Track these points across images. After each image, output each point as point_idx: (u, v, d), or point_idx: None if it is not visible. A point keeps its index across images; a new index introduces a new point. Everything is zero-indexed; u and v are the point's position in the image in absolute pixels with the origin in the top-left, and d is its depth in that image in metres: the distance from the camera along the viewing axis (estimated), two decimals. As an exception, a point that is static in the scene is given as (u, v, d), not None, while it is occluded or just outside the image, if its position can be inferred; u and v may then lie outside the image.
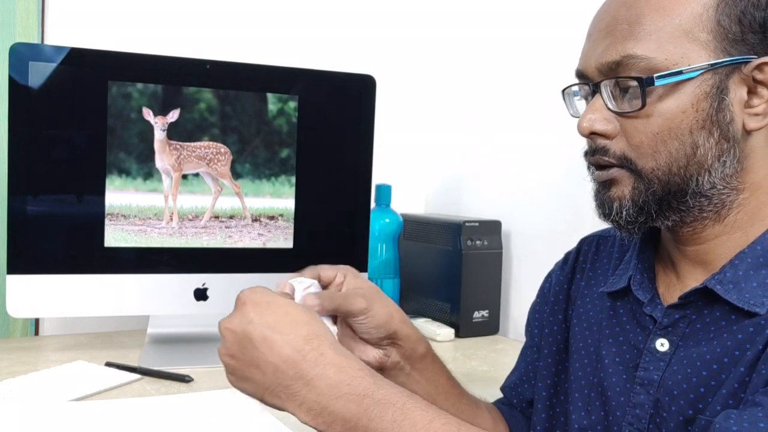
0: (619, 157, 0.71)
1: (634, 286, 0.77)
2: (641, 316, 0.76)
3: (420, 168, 1.84)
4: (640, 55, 0.68)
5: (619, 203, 0.72)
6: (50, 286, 1.20)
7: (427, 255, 1.57)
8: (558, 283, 0.90)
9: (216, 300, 1.29)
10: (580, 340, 0.83)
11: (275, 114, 1.32)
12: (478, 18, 1.70)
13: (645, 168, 0.70)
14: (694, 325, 0.71)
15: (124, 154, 1.23)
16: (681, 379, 0.70)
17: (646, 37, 0.68)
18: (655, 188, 0.70)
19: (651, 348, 0.73)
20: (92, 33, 1.43)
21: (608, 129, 0.71)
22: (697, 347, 0.70)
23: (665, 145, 0.69)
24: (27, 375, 1.09)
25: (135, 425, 0.92)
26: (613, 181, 0.72)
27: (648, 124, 0.69)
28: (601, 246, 0.89)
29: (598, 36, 0.72)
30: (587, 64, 0.72)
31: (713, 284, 0.70)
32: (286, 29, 1.64)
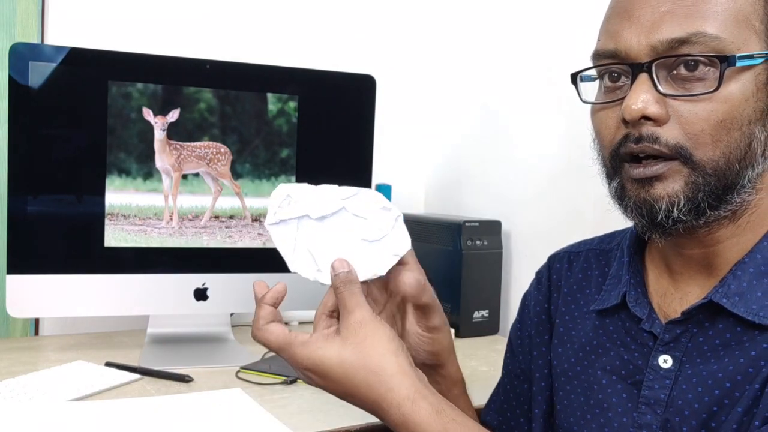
0: (673, 146, 0.63)
1: (630, 303, 0.73)
2: (637, 333, 0.73)
3: (420, 168, 1.84)
4: (710, 34, 0.62)
5: (668, 201, 0.64)
6: (50, 286, 1.20)
7: (427, 255, 1.57)
8: (537, 303, 0.86)
9: (216, 300, 1.29)
10: (564, 361, 0.79)
11: (275, 114, 1.32)
12: (478, 18, 1.70)
13: (704, 158, 0.63)
14: (696, 339, 0.68)
15: (124, 154, 1.23)
16: (692, 399, 0.67)
17: (714, 16, 0.62)
18: (713, 182, 0.64)
19: (654, 365, 0.70)
20: (92, 33, 1.43)
21: (662, 113, 0.63)
22: (707, 365, 0.67)
23: (728, 135, 0.63)
24: (27, 375, 1.09)
25: (135, 425, 0.92)
26: (659, 177, 0.64)
27: (712, 111, 0.62)
28: (573, 262, 0.84)
29: (644, 12, 0.64)
30: (628, 43, 0.65)
31: (719, 298, 0.66)
32: (286, 29, 1.64)
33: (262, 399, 1.03)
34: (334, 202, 0.72)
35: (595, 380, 0.75)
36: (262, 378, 1.14)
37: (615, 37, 0.66)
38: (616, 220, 0.81)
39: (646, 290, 0.74)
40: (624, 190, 0.67)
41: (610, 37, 0.67)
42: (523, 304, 0.89)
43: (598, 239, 0.86)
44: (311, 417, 0.98)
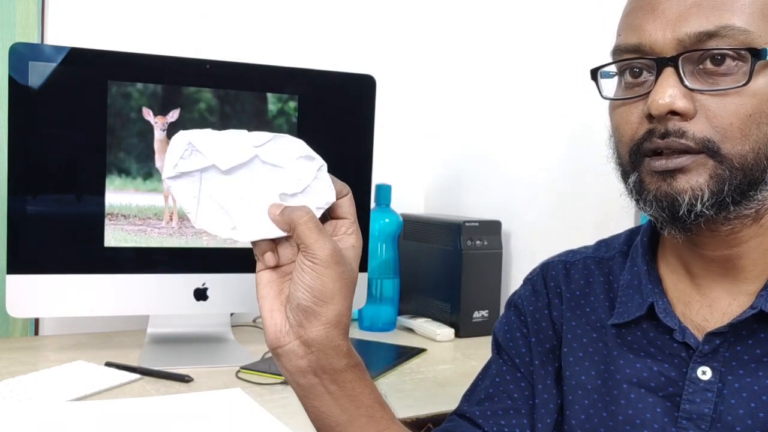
0: (701, 140, 0.62)
1: (660, 314, 0.70)
2: (665, 343, 0.69)
3: (420, 168, 1.84)
4: (738, 27, 0.61)
5: (692, 194, 0.62)
6: (50, 286, 1.20)
7: (427, 255, 1.57)
8: (537, 310, 0.81)
9: (216, 300, 1.29)
10: (580, 373, 0.75)
11: (275, 114, 1.32)
12: (478, 18, 1.70)
13: (732, 152, 0.61)
14: (734, 349, 0.65)
15: (124, 154, 1.23)
16: (744, 414, 0.64)
17: (741, 9, 0.61)
18: (739, 176, 0.62)
19: (693, 378, 0.66)
20: (92, 33, 1.43)
21: (689, 108, 0.62)
22: (755, 377, 0.64)
23: (758, 129, 0.61)
24: (27, 375, 1.09)
25: (135, 425, 0.92)
26: (683, 169, 0.63)
27: (741, 104, 0.61)
28: (571, 270, 0.81)
29: (669, 5, 0.63)
30: (653, 37, 0.63)
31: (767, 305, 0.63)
32: (286, 29, 1.64)
33: (262, 399, 1.03)
34: (246, 151, 0.65)
35: (621, 394, 0.71)
36: (262, 378, 1.14)
37: (638, 30, 0.65)
38: (616, 221, 0.81)
39: (668, 299, 0.71)
40: (643, 183, 0.65)
41: (633, 31, 0.65)
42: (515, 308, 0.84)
43: (592, 248, 0.83)
44: (311, 417, 0.97)
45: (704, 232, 0.66)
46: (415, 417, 1.00)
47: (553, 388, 0.78)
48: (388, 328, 1.53)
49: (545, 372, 0.79)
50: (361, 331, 1.52)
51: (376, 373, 1.18)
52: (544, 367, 0.79)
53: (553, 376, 0.78)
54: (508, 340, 0.82)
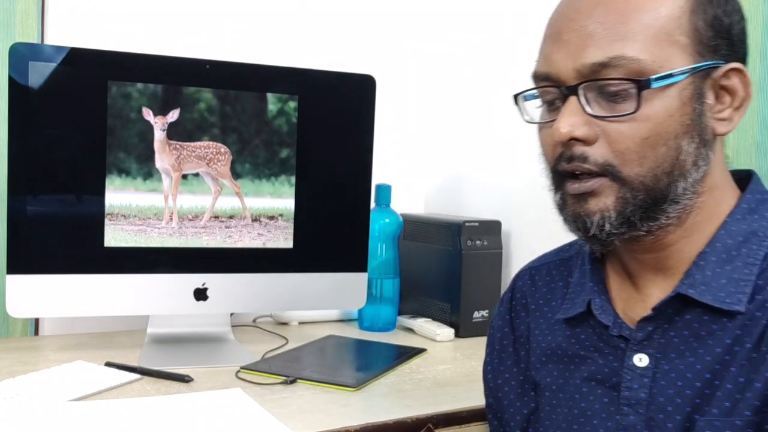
0: (601, 164, 0.67)
1: (596, 311, 0.75)
2: (608, 338, 0.75)
3: (420, 168, 1.84)
4: (629, 57, 0.65)
5: (600, 216, 0.68)
6: (50, 286, 1.20)
7: (427, 255, 1.57)
8: (499, 329, 0.89)
9: (216, 300, 1.29)
10: (546, 375, 0.81)
11: (275, 114, 1.32)
12: (478, 18, 1.70)
13: (631, 174, 0.67)
14: (668, 334, 0.70)
15: (124, 154, 1.23)
16: (673, 394, 0.69)
17: (633, 37, 0.65)
18: (641, 196, 0.67)
19: (630, 365, 0.72)
20: (92, 33, 1.43)
21: (589, 134, 0.67)
22: (682, 359, 0.69)
23: (653, 151, 0.66)
24: (27, 375, 1.09)
25: (135, 425, 0.92)
26: (593, 192, 0.68)
27: (636, 129, 0.66)
28: (536, 277, 0.87)
29: (571, 36, 0.68)
30: (558, 66, 0.69)
31: (685, 289, 0.69)
32: (286, 29, 1.64)
33: (262, 399, 1.03)
34: None
35: (576, 390, 0.76)
36: (262, 378, 1.14)
37: (547, 60, 0.71)
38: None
39: (609, 296, 0.76)
40: (565, 203, 0.71)
41: (543, 60, 0.72)
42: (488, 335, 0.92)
43: (556, 250, 0.88)
44: (311, 417, 0.98)
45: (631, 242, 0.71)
46: (415, 417, 1.00)
47: (518, 400, 0.84)
48: (388, 328, 1.53)
49: (509, 388, 0.85)
50: (361, 331, 1.52)
51: (376, 373, 1.18)
52: (508, 382, 0.85)
53: (516, 389, 0.84)
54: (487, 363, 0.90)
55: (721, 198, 0.72)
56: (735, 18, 0.69)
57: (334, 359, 1.35)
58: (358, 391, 1.10)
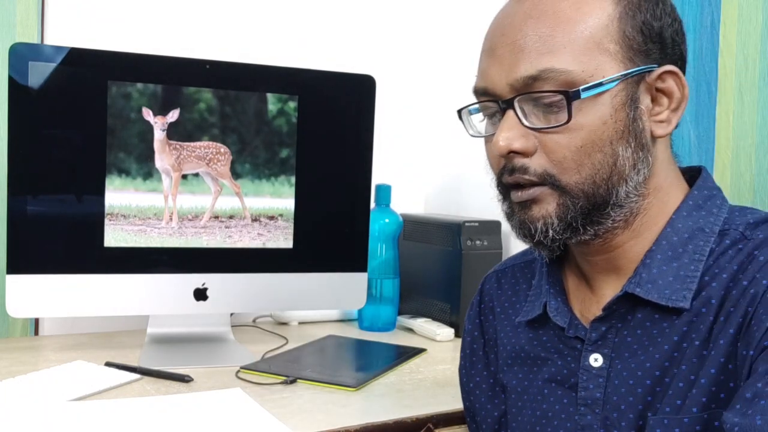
0: (540, 174, 0.69)
1: (551, 313, 0.76)
2: (566, 339, 0.76)
3: (420, 168, 1.84)
4: (558, 69, 0.66)
5: (543, 222, 0.70)
6: (50, 286, 1.20)
7: (427, 255, 1.57)
8: (468, 333, 0.91)
9: (216, 300, 1.29)
10: (512, 378, 0.82)
11: (275, 114, 1.32)
12: (478, 18, 1.70)
13: (569, 182, 0.68)
14: (621, 333, 0.71)
15: (124, 154, 1.23)
16: (625, 393, 0.70)
17: (560, 49, 0.67)
18: (581, 203, 0.69)
19: (585, 365, 0.73)
20: (92, 33, 1.43)
21: (528, 146, 0.69)
22: (634, 357, 0.70)
23: (589, 158, 0.67)
24: (27, 375, 1.09)
25: (135, 425, 0.92)
26: (535, 200, 0.70)
27: (571, 138, 0.67)
28: (502, 280, 0.88)
29: (503, 51, 0.70)
30: (493, 81, 0.70)
31: (632, 288, 0.70)
32: (286, 29, 1.64)
33: (262, 399, 1.03)
34: None
35: (539, 391, 0.78)
36: (262, 378, 1.14)
37: (483, 75, 0.72)
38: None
39: (566, 298, 0.77)
40: (512, 212, 0.74)
41: (481, 75, 0.73)
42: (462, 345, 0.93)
43: (521, 252, 0.89)
44: (311, 417, 0.98)
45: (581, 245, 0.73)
46: (415, 417, 1.00)
47: (488, 403, 0.86)
48: (388, 328, 1.53)
49: (480, 391, 0.87)
50: (361, 331, 1.52)
51: (376, 373, 1.18)
52: (479, 386, 0.87)
53: (487, 392, 0.86)
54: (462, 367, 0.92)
55: (667, 198, 0.73)
56: (666, 21, 0.70)
57: (334, 359, 1.35)
58: (357, 391, 1.10)
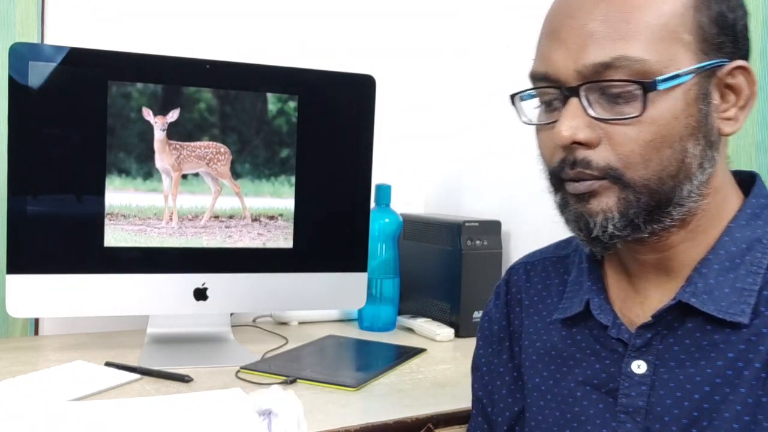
0: (603, 168, 0.65)
1: (594, 311, 0.73)
2: (606, 340, 0.73)
3: (420, 168, 1.84)
4: (634, 57, 0.63)
5: (603, 216, 0.66)
6: (50, 286, 1.20)
7: (427, 255, 1.57)
8: (495, 321, 0.86)
9: (216, 300, 1.29)
10: (535, 375, 0.79)
11: (275, 114, 1.32)
12: (478, 18, 1.70)
13: (634, 177, 0.65)
14: (667, 341, 0.68)
15: (124, 154, 1.23)
16: (671, 404, 0.67)
17: (636, 36, 0.63)
18: (644, 199, 0.65)
19: (627, 372, 0.70)
20: (92, 33, 1.43)
21: (593, 137, 0.65)
22: (682, 368, 0.67)
23: (658, 153, 0.64)
24: (27, 375, 1.09)
25: (135, 425, 0.92)
26: (593, 193, 0.66)
27: (640, 131, 0.64)
28: (531, 272, 0.84)
29: (570, 34, 0.66)
30: (557, 66, 0.67)
31: (687, 297, 0.67)
32: (286, 29, 1.64)
33: (262, 399, 1.03)
34: None
35: (570, 393, 0.74)
36: (262, 378, 1.14)
37: (545, 59, 0.68)
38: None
39: (607, 296, 0.74)
40: (566, 203, 0.69)
41: (541, 59, 0.69)
42: (482, 322, 0.89)
43: (553, 246, 0.86)
44: (311, 417, 0.97)
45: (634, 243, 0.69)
46: (415, 417, 1.00)
47: (509, 396, 0.82)
48: (388, 328, 1.53)
49: (501, 382, 0.84)
50: (361, 330, 1.51)
51: (376, 373, 1.18)
52: (501, 377, 0.84)
53: (509, 385, 0.83)
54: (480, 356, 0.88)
55: (723, 201, 0.70)
56: (739, 13, 0.67)
57: (334, 359, 1.35)
58: (357, 391, 1.10)
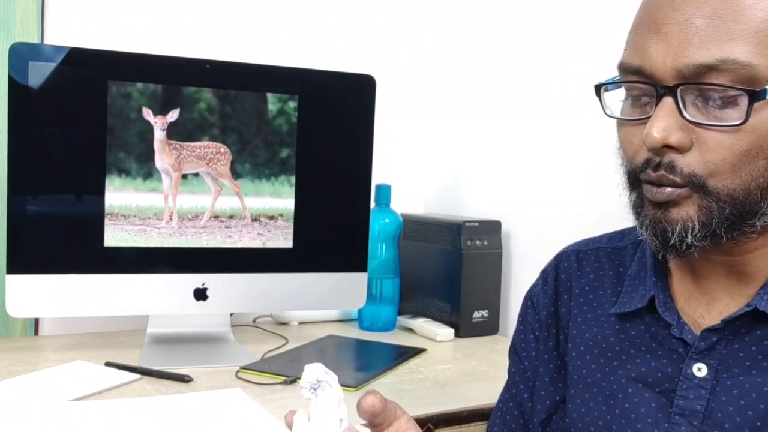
0: (687, 175, 0.61)
1: (659, 308, 0.70)
2: (665, 338, 0.70)
3: (420, 168, 1.84)
4: (741, 61, 0.58)
5: (683, 225, 0.62)
6: (50, 286, 1.20)
7: (427, 255, 1.57)
8: (544, 307, 0.83)
9: (216, 300, 1.29)
10: (581, 366, 0.76)
11: (275, 114, 1.32)
12: (478, 18, 1.70)
13: (718, 186, 0.61)
14: (732, 347, 0.66)
15: (124, 154, 1.23)
16: (733, 412, 0.64)
17: (744, 38, 0.58)
18: (728, 209, 0.61)
19: (688, 374, 0.67)
20: (92, 33, 1.43)
21: (685, 141, 0.60)
22: (748, 376, 0.64)
23: (751, 164, 0.60)
24: (27, 375, 1.09)
25: (135, 425, 0.92)
26: (674, 202, 0.62)
27: (736, 140, 0.59)
28: (583, 261, 0.81)
29: (672, 29, 0.60)
30: (654, 62, 0.61)
31: (764, 305, 0.64)
32: (286, 29, 1.64)
33: (262, 399, 1.03)
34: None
35: (620, 389, 0.72)
36: (262, 378, 1.14)
37: (641, 52, 0.63)
38: (616, 221, 0.81)
39: (670, 293, 0.72)
40: (642, 206, 0.66)
41: (636, 51, 0.63)
42: (525, 306, 0.86)
43: (607, 237, 0.83)
44: (311, 417, 0.97)
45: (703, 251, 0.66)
46: (415, 417, 0.99)
47: (551, 385, 0.80)
48: (388, 328, 1.53)
49: (545, 369, 0.81)
50: (361, 330, 1.52)
51: (376, 373, 1.18)
52: (545, 364, 0.81)
53: (552, 373, 0.80)
54: (521, 341, 0.85)
55: None
56: None
57: (334, 359, 1.35)
58: (358, 391, 1.10)
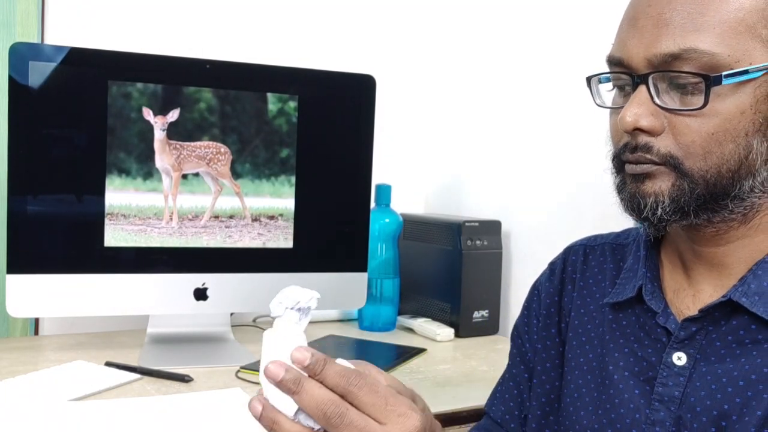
0: (664, 155, 0.66)
1: (646, 296, 0.74)
2: (651, 328, 0.73)
3: (420, 168, 1.84)
4: (703, 50, 0.62)
5: (654, 199, 0.67)
6: (50, 285, 1.20)
7: (427, 255, 1.57)
8: (548, 295, 0.86)
9: (216, 300, 1.29)
10: (580, 355, 0.80)
11: (275, 114, 1.32)
12: (477, 18, 1.70)
13: (692, 168, 0.65)
14: (710, 337, 0.69)
15: (124, 154, 1.23)
16: (704, 396, 0.67)
17: (709, 29, 0.63)
18: (699, 189, 0.65)
19: (668, 362, 0.70)
20: (92, 33, 1.43)
21: (655, 125, 0.66)
22: (722, 363, 0.67)
23: (719, 147, 0.64)
24: (27, 375, 1.09)
25: (135, 425, 0.92)
26: (649, 175, 0.67)
27: (703, 124, 0.64)
28: (589, 255, 0.85)
29: (646, 23, 0.66)
30: (630, 53, 0.67)
31: (738, 296, 0.67)
32: (286, 29, 1.64)
33: (261, 399, 1.03)
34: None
35: (608, 376, 0.76)
36: (262, 378, 1.14)
37: (621, 45, 0.68)
38: (616, 220, 0.81)
39: (661, 284, 0.75)
40: (624, 184, 0.70)
41: (618, 45, 0.69)
42: (531, 294, 0.90)
43: (615, 234, 0.87)
44: (311, 417, 0.97)
45: (691, 230, 0.70)
46: (415, 417, 0.99)
47: (552, 371, 0.84)
48: (388, 328, 1.53)
49: (546, 355, 0.85)
50: (361, 331, 1.52)
51: (376, 373, 1.18)
52: (546, 350, 0.85)
53: (553, 359, 0.84)
54: (524, 324, 0.89)
55: None
56: None
57: (334, 359, 1.34)
58: (358, 391, 1.10)
